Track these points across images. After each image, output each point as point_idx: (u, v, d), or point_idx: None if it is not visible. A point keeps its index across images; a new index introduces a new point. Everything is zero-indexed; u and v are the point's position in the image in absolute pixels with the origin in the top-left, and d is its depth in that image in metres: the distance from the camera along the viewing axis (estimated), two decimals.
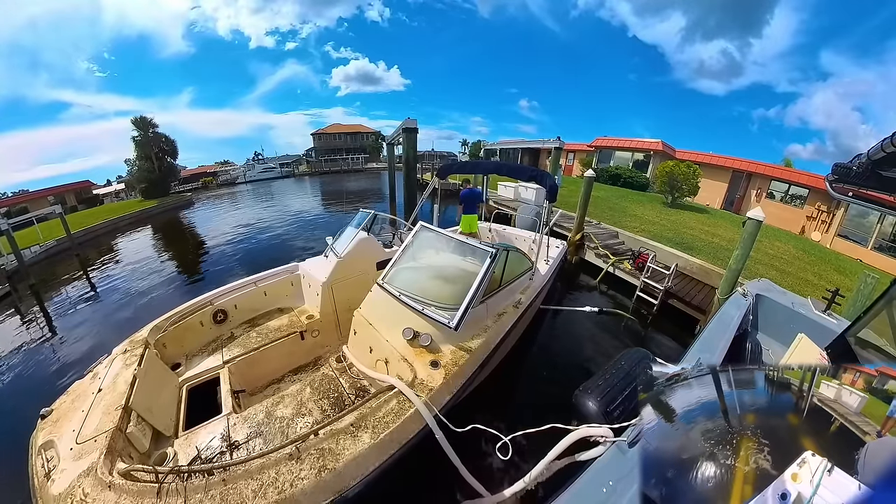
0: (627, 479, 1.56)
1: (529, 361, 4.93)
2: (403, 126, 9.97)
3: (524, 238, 6.47)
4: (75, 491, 1.83)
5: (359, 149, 49.29)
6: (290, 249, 11.20)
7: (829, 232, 14.27)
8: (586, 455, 1.98)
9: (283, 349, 3.83)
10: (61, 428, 2.31)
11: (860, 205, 2.50)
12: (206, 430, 2.74)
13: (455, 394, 2.70)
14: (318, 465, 1.94)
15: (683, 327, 6.13)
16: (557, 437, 2.12)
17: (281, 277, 4.58)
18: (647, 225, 10.87)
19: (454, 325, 2.94)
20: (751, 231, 4.92)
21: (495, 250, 3.26)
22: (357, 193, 24.96)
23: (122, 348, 3.08)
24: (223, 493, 1.79)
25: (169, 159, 28.58)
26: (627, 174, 20.70)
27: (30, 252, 11.79)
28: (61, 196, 27.49)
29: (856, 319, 2.52)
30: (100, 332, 6.60)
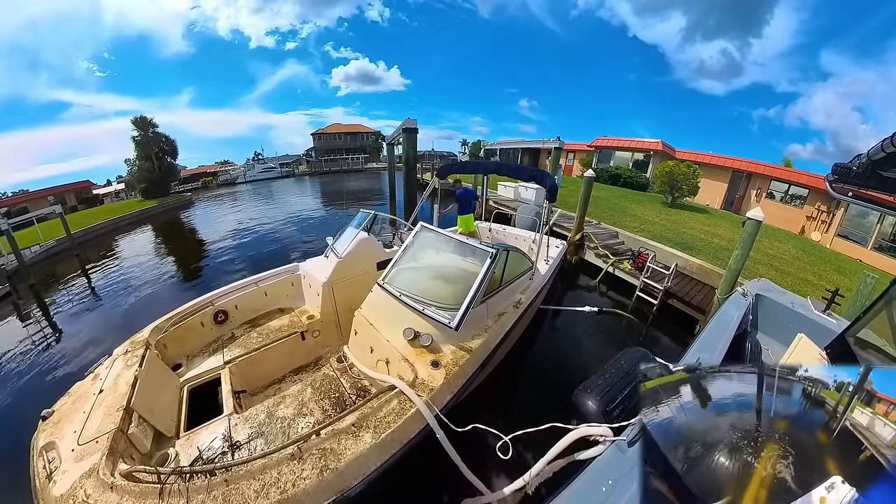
0: (627, 479, 1.56)
1: (529, 361, 4.93)
2: (403, 126, 9.97)
3: (524, 238, 6.47)
4: (77, 492, 1.83)
5: (359, 149, 49.29)
6: (290, 249, 11.21)
7: (829, 232, 14.28)
8: (586, 454, 1.99)
9: (283, 349, 3.83)
10: (62, 429, 2.31)
11: (860, 205, 2.51)
12: (208, 431, 2.74)
13: (456, 393, 2.71)
14: (320, 465, 1.95)
15: (683, 327, 6.14)
16: (557, 436, 2.13)
17: (281, 278, 4.59)
18: (647, 225, 10.87)
19: (455, 325, 2.95)
20: (750, 231, 4.93)
21: (495, 250, 3.27)
22: (357, 193, 24.96)
23: (122, 349, 3.08)
24: (225, 494, 1.79)
25: (169, 159, 28.60)
26: (627, 174, 20.70)
27: (30, 252, 11.78)
28: (61, 196, 27.48)
29: (855, 319, 2.52)
30: (100, 332, 6.61)
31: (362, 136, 52.72)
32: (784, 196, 17.23)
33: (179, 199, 26.33)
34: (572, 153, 26.86)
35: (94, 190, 33.63)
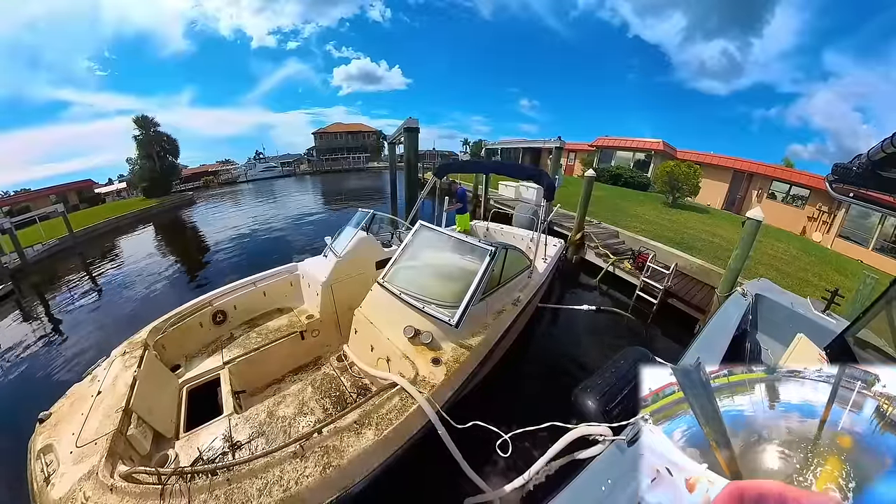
0: (626, 478, 1.56)
1: (529, 360, 4.94)
2: (405, 126, 9.97)
3: (522, 237, 6.48)
4: (76, 495, 1.81)
5: (360, 148, 49.20)
6: (291, 248, 11.19)
7: (830, 232, 14.25)
8: (585, 453, 1.99)
9: (283, 349, 3.84)
10: (60, 431, 2.29)
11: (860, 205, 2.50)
12: (208, 432, 2.74)
13: (456, 390, 2.73)
14: (323, 463, 1.96)
15: (683, 326, 6.13)
16: (557, 435, 2.13)
17: (280, 278, 4.59)
18: (648, 225, 10.86)
19: (455, 322, 2.96)
20: (750, 231, 4.93)
21: (494, 248, 3.29)
22: (358, 192, 24.97)
23: (120, 350, 3.07)
24: (228, 493, 1.80)
25: (170, 158, 28.54)
26: (628, 174, 20.68)
27: (33, 250, 11.83)
28: (63, 195, 27.54)
29: (855, 319, 2.52)
30: (102, 330, 6.61)
31: (363, 135, 52.65)
32: (785, 196, 17.20)
33: (181, 198, 26.34)
34: (573, 153, 26.82)
35: (95, 189, 33.62)
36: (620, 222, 10.61)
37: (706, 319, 4.79)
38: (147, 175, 26.56)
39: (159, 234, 16.39)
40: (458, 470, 2.35)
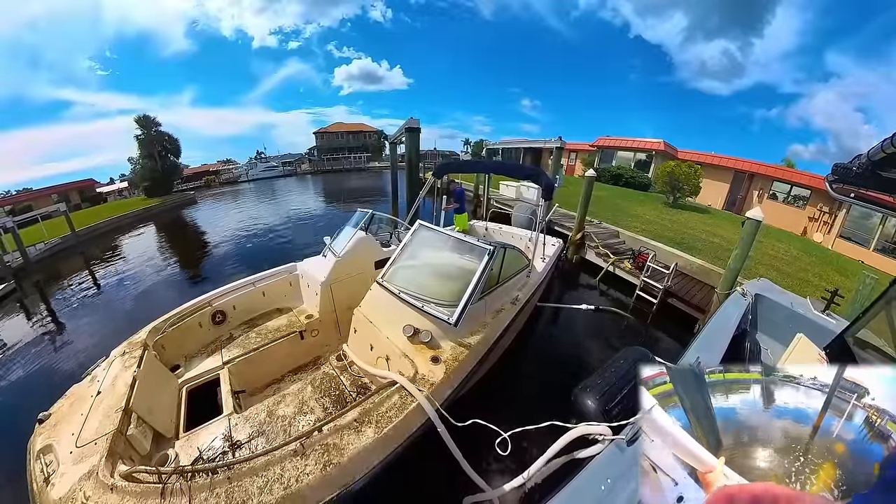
0: (625, 478, 1.57)
1: (528, 359, 4.94)
2: (406, 126, 10.00)
3: (520, 236, 6.48)
4: (76, 495, 1.81)
5: (361, 148, 49.23)
6: (292, 247, 11.21)
7: (830, 233, 14.22)
8: (585, 453, 2.00)
9: (282, 349, 3.84)
10: (60, 432, 2.28)
11: (860, 205, 2.51)
12: (208, 431, 2.74)
13: (456, 388, 2.73)
14: (324, 461, 1.97)
15: (683, 326, 6.13)
16: (556, 434, 2.13)
17: (279, 278, 4.59)
18: (648, 225, 10.85)
19: (454, 321, 2.96)
20: (750, 231, 4.93)
21: (493, 247, 3.30)
22: (359, 192, 24.98)
23: (120, 350, 3.07)
24: (228, 491, 1.80)
25: (172, 158, 28.60)
26: (629, 174, 20.67)
27: (35, 249, 11.86)
28: (65, 194, 27.71)
29: (855, 319, 2.52)
30: (103, 329, 6.63)
31: (365, 134, 52.68)
32: (786, 197, 17.17)
33: (182, 197, 26.42)
34: (574, 153, 26.82)
35: (97, 188, 33.72)
36: (621, 222, 10.61)
37: (706, 319, 4.79)
38: (148, 174, 26.62)
39: (161, 234, 16.40)
40: (457, 468, 2.35)
